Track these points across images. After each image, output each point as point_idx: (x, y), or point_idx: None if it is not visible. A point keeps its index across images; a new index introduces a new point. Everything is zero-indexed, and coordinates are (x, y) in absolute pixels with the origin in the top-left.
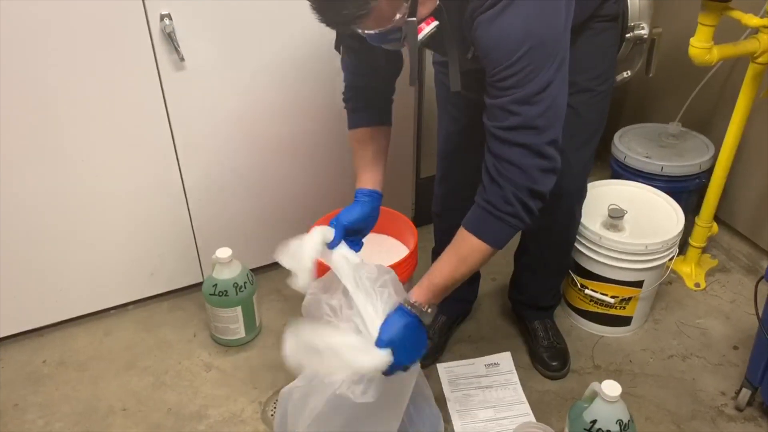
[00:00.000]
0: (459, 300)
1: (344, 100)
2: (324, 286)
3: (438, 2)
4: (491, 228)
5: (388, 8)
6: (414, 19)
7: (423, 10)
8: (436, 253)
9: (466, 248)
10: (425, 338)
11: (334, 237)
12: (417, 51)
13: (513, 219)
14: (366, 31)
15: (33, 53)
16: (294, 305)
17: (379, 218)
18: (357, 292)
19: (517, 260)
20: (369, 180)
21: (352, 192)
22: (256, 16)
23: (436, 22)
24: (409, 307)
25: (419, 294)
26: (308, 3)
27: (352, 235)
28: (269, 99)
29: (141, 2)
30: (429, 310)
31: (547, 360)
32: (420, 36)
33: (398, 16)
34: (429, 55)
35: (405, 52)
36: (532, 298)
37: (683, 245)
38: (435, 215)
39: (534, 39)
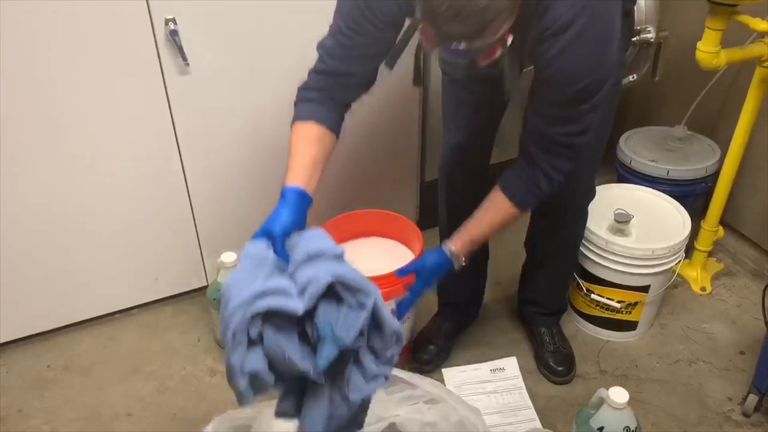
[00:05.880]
0: (465, 306)
1: (305, 87)
2: None
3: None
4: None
5: (501, 21)
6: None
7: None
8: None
9: (497, 206)
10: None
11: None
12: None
13: (535, 187)
14: (463, 47)
15: (37, 56)
16: None
17: (384, 222)
18: None
19: (528, 254)
20: (304, 179)
21: (357, 194)
22: (261, 19)
23: (511, 36)
24: (448, 253)
25: (458, 244)
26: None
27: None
28: (274, 103)
29: (146, 6)
30: (463, 260)
31: (552, 365)
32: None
33: (502, 30)
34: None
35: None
36: (539, 297)
37: (689, 249)
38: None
39: (599, 71)
